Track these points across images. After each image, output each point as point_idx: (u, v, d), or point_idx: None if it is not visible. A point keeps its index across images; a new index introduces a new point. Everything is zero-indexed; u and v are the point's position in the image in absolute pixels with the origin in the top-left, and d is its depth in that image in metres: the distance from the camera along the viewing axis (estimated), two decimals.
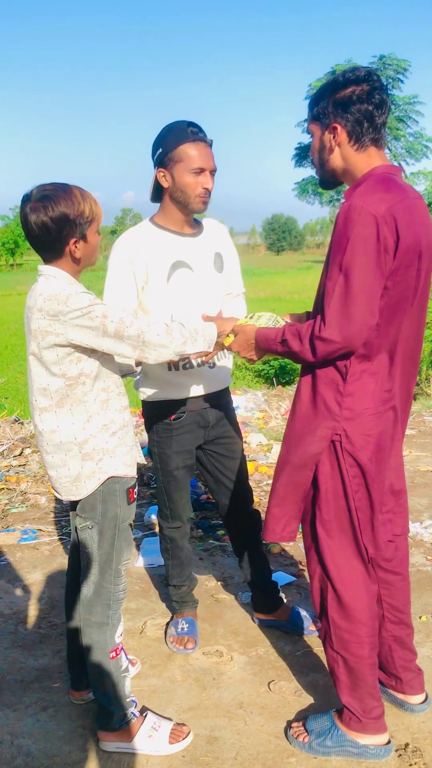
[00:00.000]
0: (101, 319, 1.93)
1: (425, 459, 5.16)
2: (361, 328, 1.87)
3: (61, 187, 1.99)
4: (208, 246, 2.59)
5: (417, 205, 1.95)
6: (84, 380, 2.02)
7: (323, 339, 1.89)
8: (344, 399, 2.00)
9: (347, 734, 2.15)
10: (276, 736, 2.29)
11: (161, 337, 2.00)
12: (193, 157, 2.38)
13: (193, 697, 2.49)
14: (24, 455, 5.23)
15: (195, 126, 2.42)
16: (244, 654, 2.74)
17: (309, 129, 2.12)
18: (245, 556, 2.87)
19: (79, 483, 2.09)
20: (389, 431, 2.08)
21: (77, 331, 1.94)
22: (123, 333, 1.96)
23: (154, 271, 2.47)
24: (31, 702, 2.47)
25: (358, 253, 1.84)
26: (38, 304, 1.95)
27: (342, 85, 1.99)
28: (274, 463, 5.04)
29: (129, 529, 2.20)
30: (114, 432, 2.11)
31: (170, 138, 2.41)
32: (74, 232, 1.99)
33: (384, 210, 1.84)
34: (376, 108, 1.98)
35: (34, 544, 3.77)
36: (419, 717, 2.33)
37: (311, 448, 2.05)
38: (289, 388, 8.19)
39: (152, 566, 3.48)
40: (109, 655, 2.17)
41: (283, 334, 2.03)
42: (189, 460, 2.72)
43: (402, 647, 2.31)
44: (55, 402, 2.03)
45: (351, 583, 2.10)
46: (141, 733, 2.21)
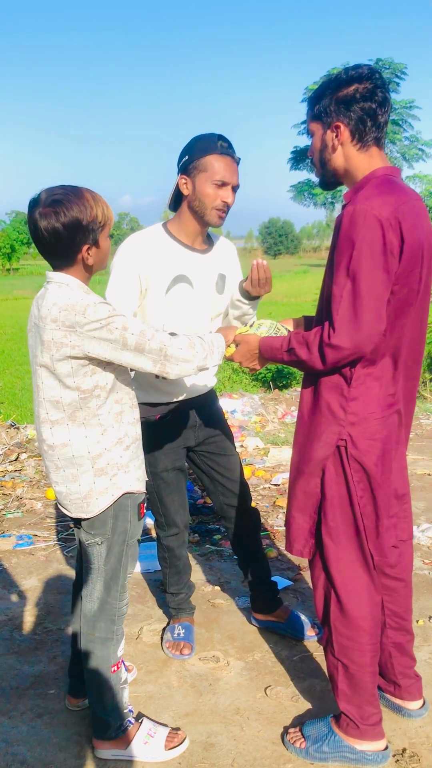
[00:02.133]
0: (121, 332, 1.86)
1: (422, 462, 5.16)
2: (370, 333, 1.85)
3: (71, 190, 1.89)
4: (213, 265, 2.57)
5: (418, 207, 1.94)
6: (99, 393, 1.95)
7: (333, 346, 1.86)
8: (349, 404, 1.98)
9: (344, 740, 2.14)
10: (273, 741, 2.27)
11: (184, 351, 1.94)
12: (218, 169, 2.38)
13: (190, 703, 2.47)
14: (20, 460, 5.21)
15: (226, 141, 2.41)
16: (240, 659, 2.73)
17: (309, 128, 2.08)
18: (245, 555, 2.86)
19: (91, 500, 2.02)
20: (394, 435, 2.06)
21: (95, 343, 1.86)
22: (144, 346, 1.88)
23: (156, 280, 2.45)
24: (26, 709, 2.46)
25: (364, 258, 1.82)
26: (52, 314, 1.87)
27: (345, 82, 1.96)
28: (271, 467, 5.05)
29: (137, 545, 2.15)
30: (128, 446, 2.06)
31: (198, 147, 2.40)
32: (87, 239, 1.90)
33: (389, 213, 1.82)
34: (379, 106, 1.96)
35: (29, 549, 3.75)
36: (417, 722, 2.32)
37: (317, 453, 2.03)
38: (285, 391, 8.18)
39: (148, 571, 3.47)
40: (111, 669, 2.15)
41: (289, 343, 2.01)
42: (178, 461, 2.70)
43: (402, 654, 2.30)
44: (68, 415, 1.96)
45: (355, 590, 2.07)
46: (137, 739, 2.20)
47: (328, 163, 2.05)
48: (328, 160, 2.05)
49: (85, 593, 2.14)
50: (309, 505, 2.09)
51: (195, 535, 3.90)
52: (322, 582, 2.14)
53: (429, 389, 8.19)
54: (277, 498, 4.43)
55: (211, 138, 2.40)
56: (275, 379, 9.39)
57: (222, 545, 3.77)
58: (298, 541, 2.14)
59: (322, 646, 2.23)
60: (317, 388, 2.02)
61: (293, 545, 2.16)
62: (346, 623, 2.09)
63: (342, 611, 2.09)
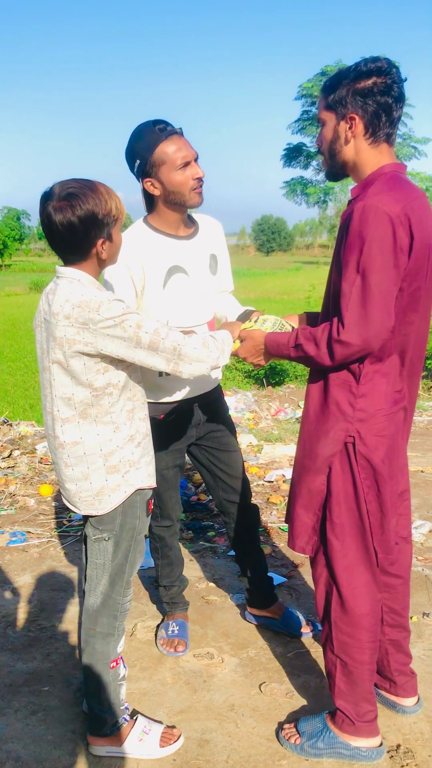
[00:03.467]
0: (135, 330, 1.84)
1: (415, 459, 5.17)
2: (379, 330, 1.85)
3: (86, 183, 1.87)
4: (203, 248, 2.54)
5: (425, 204, 1.93)
6: (111, 390, 1.94)
7: (342, 342, 1.86)
8: (357, 400, 1.97)
9: (339, 736, 2.14)
10: (267, 738, 2.27)
11: (198, 350, 1.92)
12: (173, 154, 2.30)
13: (184, 700, 2.47)
14: (12, 457, 5.20)
15: (160, 122, 2.33)
16: (235, 656, 2.73)
17: (321, 117, 2.02)
18: (242, 551, 2.86)
19: (103, 497, 2.01)
20: (400, 432, 2.06)
21: (108, 341, 1.84)
22: (158, 345, 1.87)
23: (151, 277, 2.42)
24: (20, 706, 2.45)
25: (375, 254, 1.81)
26: (65, 311, 1.85)
27: (364, 74, 1.91)
28: (264, 464, 5.05)
29: (143, 541, 2.15)
30: (139, 442, 2.05)
31: (142, 145, 2.32)
32: (102, 233, 1.88)
33: (399, 210, 1.81)
34: (395, 102, 1.93)
35: (23, 546, 3.74)
36: (411, 718, 2.33)
37: (325, 450, 2.02)
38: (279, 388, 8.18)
39: (142, 568, 3.46)
40: (109, 665, 2.14)
41: (296, 339, 2.00)
42: (179, 459, 2.70)
43: (398, 650, 2.30)
44: (79, 412, 1.94)
45: (357, 588, 2.07)
46: (131, 737, 2.19)
47: (337, 155, 2.01)
48: (338, 152, 2.01)
49: (89, 588, 2.13)
50: (314, 502, 2.08)
51: (189, 532, 3.90)
52: (324, 579, 2.13)
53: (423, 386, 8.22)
54: (271, 495, 4.43)
55: (147, 129, 2.32)
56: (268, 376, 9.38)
57: (216, 542, 3.77)
58: (301, 538, 2.13)
59: (319, 643, 2.24)
60: (325, 385, 2.01)
61: (296, 542, 2.15)
62: (348, 620, 2.09)
63: (343, 608, 2.09)
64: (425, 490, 4.56)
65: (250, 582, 2.89)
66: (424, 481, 4.72)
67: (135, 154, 2.34)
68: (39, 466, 4.99)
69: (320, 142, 2.07)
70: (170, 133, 2.30)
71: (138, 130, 2.34)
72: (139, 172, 2.37)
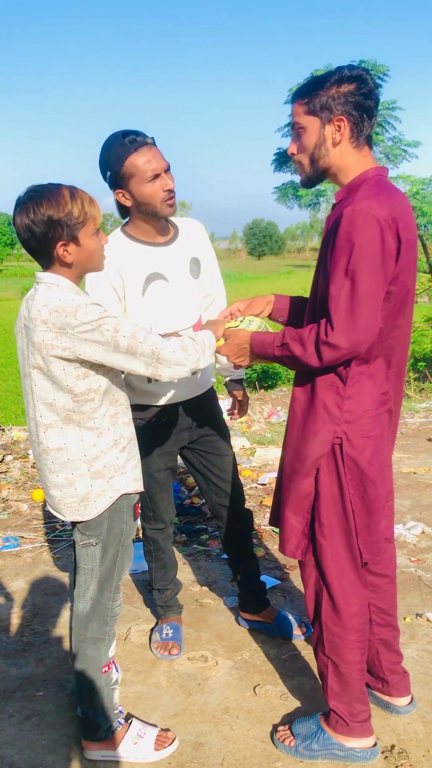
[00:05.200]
0: (112, 334, 1.83)
1: (407, 461, 5.18)
2: (367, 333, 1.86)
3: (49, 187, 1.87)
4: (183, 252, 2.53)
5: (408, 207, 1.96)
6: (93, 396, 1.93)
7: (330, 344, 1.86)
8: (344, 402, 1.98)
9: (334, 737, 2.15)
10: (262, 740, 2.27)
11: (177, 354, 1.91)
12: (143, 166, 2.29)
13: (179, 703, 2.47)
14: (5, 462, 5.19)
15: (130, 133, 2.31)
16: (229, 659, 2.73)
17: (300, 123, 2.01)
18: (235, 555, 2.86)
19: (88, 503, 2.00)
20: (386, 433, 2.07)
21: (86, 345, 1.83)
22: (136, 349, 1.86)
23: (129, 285, 2.42)
24: (14, 711, 2.44)
25: (364, 258, 1.82)
26: (43, 316, 1.84)
27: (348, 79, 1.93)
28: (257, 466, 5.06)
29: (132, 545, 2.14)
30: (124, 447, 2.04)
31: (112, 157, 2.32)
32: (61, 235, 1.86)
33: (386, 213, 1.83)
34: (374, 107, 1.97)
35: (16, 551, 3.73)
36: (405, 718, 2.33)
37: (313, 452, 2.02)
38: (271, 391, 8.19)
39: (136, 572, 3.46)
40: (102, 670, 2.14)
41: (282, 338, 2.00)
42: (171, 462, 2.70)
43: (389, 650, 2.31)
44: (62, 418, 1.93)
45: (344, 588, 2.08)
46: (126, 740, 2.19)
47: (320, 160, 2.01)
48: (322, 157, 2.00)
49: (78, 593, 2.13)
50: (303, 505, 2.08)
51: (182, 535, 3.90)
52: (314, 580, 2.14)
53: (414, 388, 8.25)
54: (264, 497, 4.43)
55: (117, 141, 2.31)
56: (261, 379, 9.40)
57: (209, 545, 3.77)
58: (291, 542, 2.13)
59: (311, 645, 2.24)
60: (312, 387, 2.02)
61: (286, 547, 2.15)
62: (338, 621, 2.10)
63: (334, 609, 2.09)
64: (417, 491, 4.58)
65: (242, 586, 2.89)
66: (417, 483, 4.74)
67: (105, 165, 2.35)
68: (31, 471, 4.98)
69: (296, 150, 2.06)
70: (140, 145, 2.29)
71: (108, 142, 2.34)
72: (110, 183, 2.37)
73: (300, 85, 2.03)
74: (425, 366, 9.98)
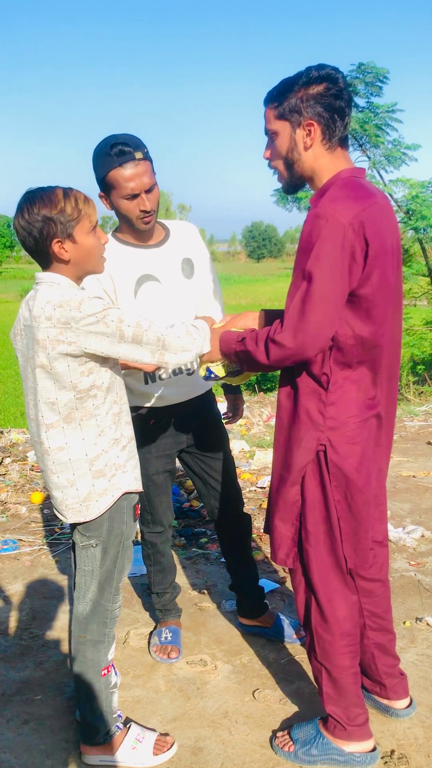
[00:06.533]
0: (117, 324, 1.84)
1: (407, 464, 5.18)
2: (315, 336, 1.83)
3: (43, 188, 1.91)
4: (174, 254, 2.53)
5: (384, 208, 1.92)
6: (96, 392, 1.93)
7: (276, 342, 1.85)
8: (327, 408, 1.96)
9: (332, 742, 2.14)
10: (261, 745, 2.26)
11: (182, 339, 1.92)
12: (123, 183, 2.28)
13: (177, 707, 2.46)
14: (4, 465, 5.18)
15: (120, 143, 2.27)
16: (228, 663, 2.72)
17: (271, 129, 1.99)
18: (233, 560, 2.85)
19: (90, 502, 1.99)
20: (373, 438, 2.05)
21: (92, 338, 1.84)
22: (141, 337, 1.87)
23: (121, 288, 2.43)
24: (12, 715, 2.43)
25: (322, 262, 1.79)
26: (47, 312, 1.84)
27: (316, 80, 1.91)
28: (257, 469, 5.05)
29: (132, 546, 2.13)
30: (124, 446, 2.04)
31: (98, 165, 2.32)
32: (55, 232, 1.88)
33: (352, 217, 1.79)
34: (347, 106, 1.94)
35: (14, 554, 3.72)
36: (404, 723, 2.33)
37: (298, 460, 2.01)
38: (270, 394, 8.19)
39: (135, 575, 3.45)
40: (101, 673, 2.13)
41: (245, 334, 2.01)
42: (169, 465, 2.69)
43: (384, 654, 2.30)
44: (63, 417, 1.93)
45: (330, 594, 2.07)
46: (125, 745, 2.18)
47: (295, 164, 1.99)
48: (295, 161, 1.98)
49: (78, 595, 2.12)
50: (291, 513, 2.07)
51: (181, 538, 3.89)
52: (303, 587, 2.13)
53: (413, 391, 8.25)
54: (263, 501, 4.42)
55: (104, 150, 2.29)
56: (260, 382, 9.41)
57: (208, 548, 3.76)
58: (282, 550, 2.12)
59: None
60: (295, 394, 2.00)
61: (277, 554, 2.14)
62: (326, 627, 2.09)
63: (322, 616, 2.09)
64: (416, 494, 4.57)
65: (240, 591, 2.88)
66: (416, 486, 4.73)
67: (93, 168, 2.36)
68: (30, 474, 4.97)
69: (271, 156, 2.03)
70: (126, 160, 2.27)
71: (98, 148, 2.34)
72: (98, 183, 2.38)
73: (271, 88, 2.00)
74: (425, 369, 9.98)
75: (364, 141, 9.51)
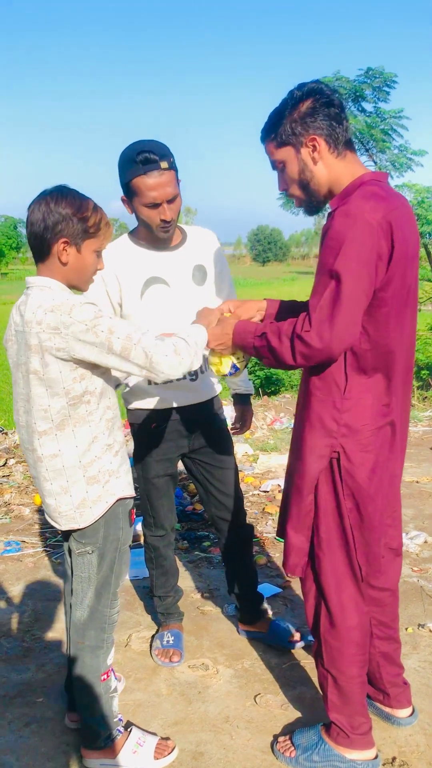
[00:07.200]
0: (107, 335, 1.82)
1: (411, 469, 5.16)
2: (343, 336, 1.82)
3: (78, 192, 1.93)
4: (187, 259, 2.53)
5: (409, 212, 1.93)
6: (89, 398, 1.92)
7: (304, 340, 1.82)
8: (342, 415, 1.95)
9: (334, 749, 2.13)
10: (262, 750, 2.26)
11: (169, 358, 1.89)
12: (145, 192, 2.29)
13: (179, 711, 2.46)
14: (8, 466, 5.18)
15: (147, 150, 2.27)
16: (230, 667, 2.72)
17: (277, 160, 2.00)
18: (232, 568, 2.85)
19: (84, 509, 1.98)
20: (387, 446, 2.04)
21: (80, 346, 1.82)
22: (129, 352, 1.84)
23: (127, 288, 2.43)
24: (13, 717, 2.43)
25: (352, 262, 1.78)
26: (38, 317, 1.84)
27: (299, 99, 1.93)
28: (260, 473, 5.05)
29: (128, 551, 2.13)
30: (117, 452, 2.03)
31: (124, 170, 2.33)
32: (67, 231, 1.87)
33: (380, 217, 1.79)
34: (340, 110, 1.95)
35: (17, 556, 3.73)
36: (406, 730, 2.32)
37: (312, 467, 2.00)
38: (274, 398, 8.18)
39: (137, 578, 3.45)
40: (100, 678, 2.12)
41: (264, 328, 1.97)
42: (170, 469, 2.69)
43: (390, 663, 2.29)
44: (56, 424, 1.92)
45: (344, 602, 2.06)
46: (126, 749, 2.18)
47: (311, 182, 1.99)
48: (310, 179, 1.98)
49: (75, 601, 2.11)
50: (304, 522, 2.06)
51: (184, 542, 3.89)
52: (313, 594, 2.12)
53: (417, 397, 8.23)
54: (266, 505, 4.42)
55: (130, 156, 2.29)
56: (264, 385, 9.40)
57: (211, 552, 3.75)
58: (292, 559, 2.11)
59: (312, 655, 2.22)
60: (309, 400, 1.99)
61: (287, 563, 2.13)
62: (336, 635, 2.08)
63: (332, 623, 2.08)
64: (420, 500, 4.56)
65: (238, 598, 2.88)
66: (420, 492, 4.72)
67: (119, 170, 2.37)
68: None
69: (285, 185, 2.04)
70: (150, 169, 2.26)
71: (124, 153, 2.34)
72: (121, 188, 2.39)
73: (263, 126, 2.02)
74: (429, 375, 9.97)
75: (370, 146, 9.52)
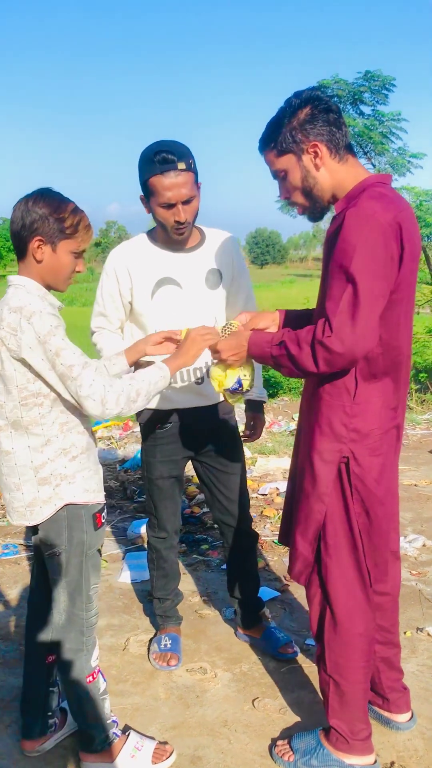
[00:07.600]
0: (53, 355, 1.83)
1: (408, 473, 5.16)
2: (365, 338, 1.79)
3: (60, 195, 1.96)
4: (202, 262, 2.52)
5: (413, 215, 1.93)
6: (42, 401, 1.92)
7: (326, 346, 1.79)
8: (351, 420, 1.94)
9: (333, 754, 2.12)
10: (261, 755, 2.25)
11: (96, 405, 1.87)
12: (162, 192, 2.30)
13: (177, 715, 2.45)
14: None
15: (165, 151, 2.28)
16: (228, 671, 2.71)
17: (278, 169, 2.00)
18: (233, 572, 2.84)
19: (35, 508, 1.99)
20: (393, 449, 2.04)
21: (28, 352, 1.84)
22: (66, 380, 1.85)
23: (139, 288, 2.44)
24: (11, 721, 2.42)
25: (367, 263, 1.77)
26: (3, 314, 1.88)
27: (297, 107, 1.93)
28: (258, 476, 5.04)
29: (97, 555, 2.11)
30: (74, 456, 2.01)
31: (142, 169, 2.35)
32: (42, 230, 1.90)
33: (391, 218, 1.79)
34: (338, 115, 1.95)
35: (15, 559, 3.72)
36: (405, 735, 2.31)
37: (323, 473, 1.98)
38: (273, 401, 8.18)
39: (136, 581, 3.45)
40: (86, 680, 2.11)
41: (281, 336, 1.94)
42: (174, 470, 2.68)
43: (389, 668, 2.29)
44: (11, 422, 1.94)
45: (350, 608, 2.05)
46: (123, 753, 2.17)
47: (314, 188, 1.98)
48: (314, 185, 1.97)
49: (53, 605, 2.11)
50: (311, 528, 2.05)
51: (182, 545, 3.88)
52: (318, 599, 2.11)
53: (416, 400, 8.24)
54: (265, 508, 4.41)
55: (149, 155, 2.31)
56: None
57: (209, 555, 3.75)
58: (297, 566, 2.11)
59: (312, 660, 2.22)
60: (318, 405, 1.98)
61: (292, 569, 2.12)
62: (340, 641, 2.07)
63: (336, 629, 2.07)
64: (419, 503, 4.56)
65: (237, 603, 2.87)
66: (418, 495, 4.72)
67: (139, 169, 2.38)
68: None
69: (287, 193, 2.04)
70: (167, 169, 2.27)
71: (144, 153, 2.36)
72: (140, 187, 2.41)
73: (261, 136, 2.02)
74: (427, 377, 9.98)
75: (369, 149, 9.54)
